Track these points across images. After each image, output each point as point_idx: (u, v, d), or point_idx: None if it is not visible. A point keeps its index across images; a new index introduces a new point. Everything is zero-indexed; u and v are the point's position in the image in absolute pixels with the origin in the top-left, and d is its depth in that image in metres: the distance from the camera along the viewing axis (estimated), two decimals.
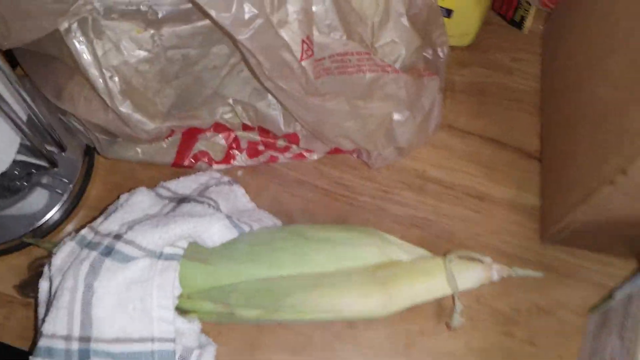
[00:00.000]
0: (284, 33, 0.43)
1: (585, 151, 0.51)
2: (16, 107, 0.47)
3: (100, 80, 0.49)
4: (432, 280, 0.52)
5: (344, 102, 0.48)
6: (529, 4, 0.68)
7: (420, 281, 0.52)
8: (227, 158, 0.60)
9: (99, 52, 0.48)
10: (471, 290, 0.54)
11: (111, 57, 0.48)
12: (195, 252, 0.51)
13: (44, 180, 0.59)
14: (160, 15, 0.47)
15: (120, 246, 0.48)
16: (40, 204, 0.58)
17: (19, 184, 0.59)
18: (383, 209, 0.60)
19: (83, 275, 0.47)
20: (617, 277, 0.57)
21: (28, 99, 0.48)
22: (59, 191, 0.59)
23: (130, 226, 0.50)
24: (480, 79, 0.68)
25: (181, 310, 0.51)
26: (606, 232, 0.53)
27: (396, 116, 0.52)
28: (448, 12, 0.64)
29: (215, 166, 0.60)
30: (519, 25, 0.69)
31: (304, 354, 0.54)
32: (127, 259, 0.48)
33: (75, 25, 0.47)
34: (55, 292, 0.47)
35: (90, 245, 0.49)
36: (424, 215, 0.60)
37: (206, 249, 0.51)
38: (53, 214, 0.58)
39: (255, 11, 0.42)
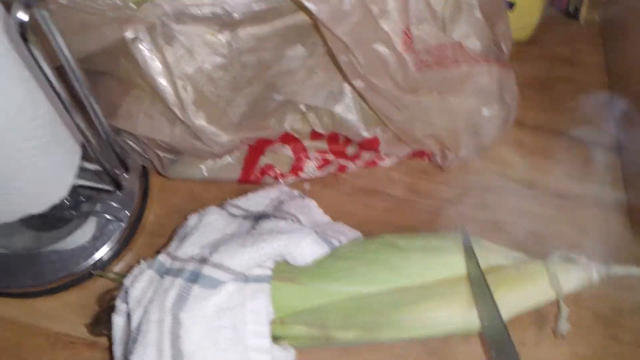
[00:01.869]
0: (384, 24, 0.39)
1: None
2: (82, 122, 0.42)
3: (171, 91, 0.44)
4: (536, 285, 0.48)
5: (438, 98, 0.44)
6: None
7: (525, 287, 0.47)
8: (295, 170, 0.55)
9: (170, 60, 0.43)
10: (570, 293, 0.50)
11: (184, 64, 0.43)
12: (283, 272, 0.46)
13: (97, 208, 0.54)
14: (235, 16, 0.43)
15: (207, 270, 0.43)
16: (95, 234, 0.53)
17: (68, 214, 0.53)
18: (462, 213, 0.56)
19: (170, 306, 0.42)
20: None
21: (99, 112, 0.42)
22: (115, 219, 0.53)
23: (213, 248, 0.44)
24: (542, 73, 0.64)
25: (273, 337, 0.46)
26: None
27: (485, 111, 0.48)
28: (510, 5, 0.60)
29: (282, 180, 0.55)
30: (574, 15, 0.66)
31: None
32: (216, 283, 0.42)
33: (142, 33, 0.43)
34: (140, 327, 0.42)
35: (172, 272, 0.44)
36: (506, 217, 0.56)
37: (294, 268, 0.46)
38: (112, 244, 0.52)
39: (355, 1, 0.37)
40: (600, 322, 0.52)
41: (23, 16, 0.30)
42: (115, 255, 0.53)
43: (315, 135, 0.53)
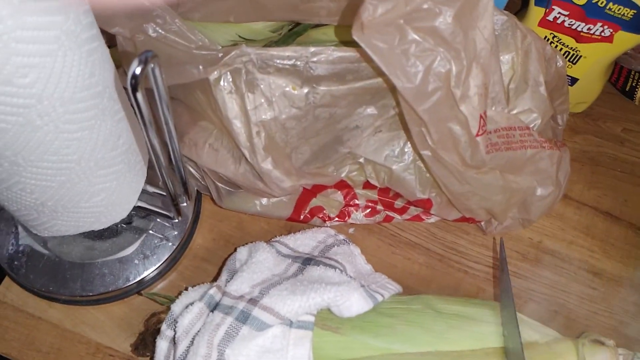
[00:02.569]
0: (464, 107, 0.40)
1: None
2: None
3: (245, 135, 0.45)
4: None
5: (499, 176, 0.45)
6: None
7: None
8: (343, 215, 0.56)
9: (249, 106, 0.44)
10: None
11: (262, 112, 0.44)
12: (326, 319, 0.47)
13: (150, 226, 0.55)
14: (316, 73, 0.44)
15: (257, 312, 0.44)
16: (144, 250, 0.54)
17: (121, 227, 0.55)
18: (498, 278, 0.56)
19: (217, 342, 0.43)
20: None
21: (175, 138, 0.42)
22: (166, 239, 0.54)
23: (264, 289, 0.45)
24: (591, 148, 0.64)
25: None
26: None
27: (540, 191, 0.49)
28: (572, 81, 0.61)
29: (329, 222, 0.56)
30: (630, 95, 0.66)
31: None
32: (263, 326, 0.43)
33: (227, 76, 0.44)
34: (186, 357, 0.43)
35: (222, 309, 0.45)
36: (540, 288, 0.56)
37: (337, 317, 0.47)
38: (158, 263, 0.54)
39: (440, 84, 0.38)
40: None
41: (137, 70, 0.31)
42: (161, 274, 0.54)
43: (367, 186, 0.54)
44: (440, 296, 0.50)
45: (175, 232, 0.55)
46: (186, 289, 0.49)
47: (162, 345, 0.46)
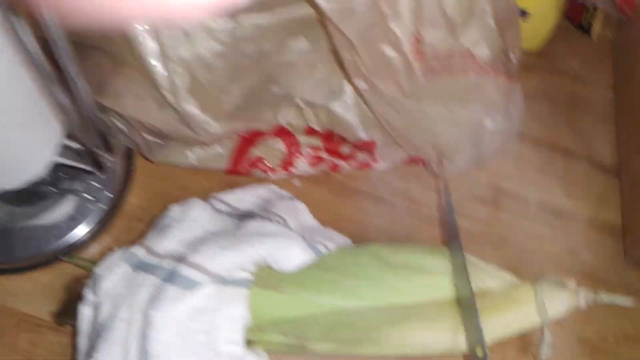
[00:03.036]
0: (394, 25, 0.35)
1: None
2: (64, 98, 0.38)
3: (164, 74, 0.40)
4: (522, 311, 0.45)
5: (442, 106, 0.41)
6: (595, 9, 0.61)
7: (512, 312, 0.45)
8: (286, 165, 0.51)
9: (167, 42, 0.39)
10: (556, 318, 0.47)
11: (180, 48, 0.39)
12: (266, 278, 0.42)
13: (77, 186, 0.50)
14: (239, 2, 0.39)
15: (185, 270, 0.39)
16: (72, 213, 0.49)
17: (45, 189, 0.49)
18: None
19: (141, 304, 0.38)
20: None
21: (82, 88, 0.38)
22: (94, 199, 0.49)
23: (193, 246, 0.41)
24: (548, 86, 0.60)
25: (246, 341, 0.42)
26: None
27: (489, 123, 0.45)
28: (523, 13, 0.56)
29: (271, 174, 0.51)
30: (587, 31, 0.62)
31: None
32: (192, 284, 0.39)
33: None
34: (106, 323, 0.39)
35: (147, 268, 0.40)
36: (498, 231, 0.53)
37: (277, 274, 0.42)
38: (89, 225, 0.49)
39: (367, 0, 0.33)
40: (584, 348, 0.49)
41: None
42: (92, 237, 0.49)
43: (310, 131, 0.50)
44: (389, 245, 0.46)
45: (106, 193, 0.50)
46: (112, 250, 0.44)
47: (84, 312, 0.41)
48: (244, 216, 0.45)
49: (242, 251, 0.39)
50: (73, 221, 0.49)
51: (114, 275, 0.40)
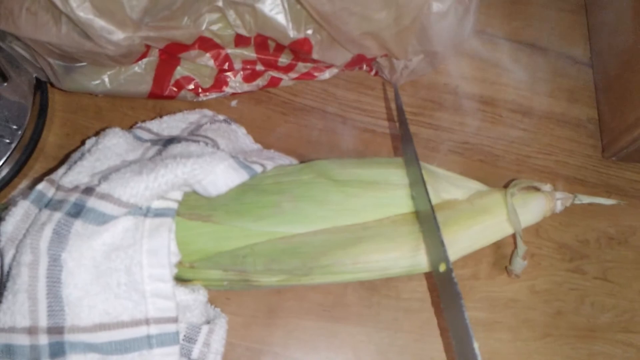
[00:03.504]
0: None
1: None
2: None
3: None
4: (492, 221, 0.40)
5: None
6: None
7: (480, 223, 0.39)
8: (218, 84, 0.45)
9: None
10: (531, 225, 0.42)
11: None
12: (194, 207, 0.37)
13: None
14: None
15: (93, 202, 0.33)
16: None
17: None
18: (413, 133, 0.47)
19: (46, 245, 0.32)
20: None
21: None
22: (5, 139, 0.43)
23: (104, 176, 0.35)
24: None
25: (181, 280, 0.37)
26: None
27: (436, 5, 0.38)
28: None
29: (203, 95, 0.45)
30: None
31: (335, 313, 0.41)
32: (103, 218, 0.33)
33: None
34: (9, 271, 0.33)
35: (51, 205, 0.34)
36: (462, 138, 0.47)
37: (207, 201, 0.37)
38: (1, 168, 0.43)
39: None
40: (564, 254, 0.44)
41: None
42: (6, 181, 0.43)
43: (240, 41, 0.43)
44: (336, 160, 0.40)
45: (16, 130, 0.43)
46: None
47: None
48: (168, 142, 0.39)
49: (158, 175, 0.34)
50: None
51: (15, 217, 0.34)
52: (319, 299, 0.42)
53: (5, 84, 0.39)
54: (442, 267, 0.35)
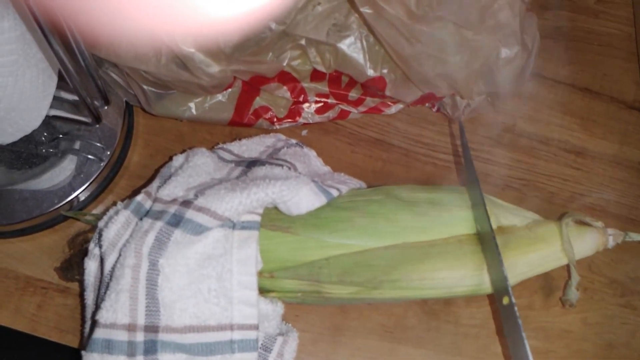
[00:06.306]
0: None
1: None
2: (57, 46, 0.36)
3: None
4: (548, 249, 0.43)
5: (453, 30, 0.39)
6: None
7: (537, 250, 0.43)
8: (292, 114, 0.50)
9: None
10: (583, 258, 0.45)
11: None
12: (274, 220, 0.41)
13: (76, 145, 0.48)
14: None
15: (191, 214, 0.38)
16: (73, 173, 0.48)
17: (45, 150, 0.48)
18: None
19: (147, 250, 0.37)
20: None
21: (77, 35, 0.36)
22: (95, 158, 0.48)
23: (200, 191, 0.39)
24: (564, 23, 0.58)
25: (261, 291, 0.41)
26: None
27: (504, 52, 0.43)
28: None
29: (277, 124, 0.50)
30: None
31: (396, 335, 0.45)
32: (200, 229, 0.37)
33: None
34: (113, 272, 0.37)
35: (152, 214, 0.39)
36: (518, 174, 0.51)
37: (287, 216, 0.41)
38: (89, 184, 0.47)
39: None
40: (615, 289, 0.47)
41: None
42: (94, 197, 0.48)
43: (315, 76, 0.48)
44: (405, 185, 0.44)
45: (106, 150, 0.48)
46: (115, 204, 0.43)
47: (90, 266, 0.40)
48: (252, 163, 0.44)
49: (251, 193, 0.38)
50: (74, 181, 0.48)
51: (116, 224, 0.39)
52: (382, 320, 0.45)
53: (106, 107, 0.44)
54: (505, 300, 0.39)
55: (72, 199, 0.47)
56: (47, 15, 0.33)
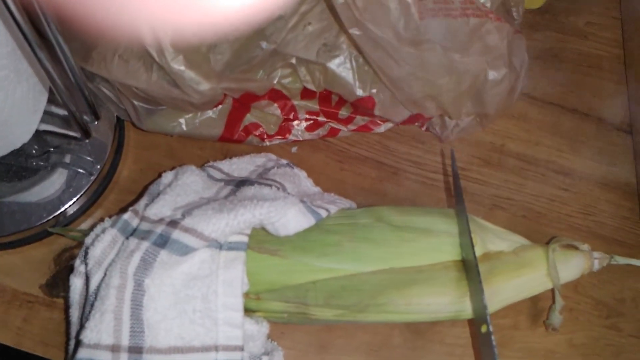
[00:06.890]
0: None
1: None
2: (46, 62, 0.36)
3: (149, 31, 0.38)
4: (533, 274, 0.43)
5: (441, 54, 0.39)
6: None
7: (522, 275, 0.43)
8: (282, 131, 0.50)
9: None
10: (569, 281, 0.45)
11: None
12: (262, 242, 0.41)
13: (66, 159, 0.48)
14: None
15: (178, 235, 0.37)
16: (62, 187, 0.47)
17: (35, 163, 0.48)
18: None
19: (132, 271, 0.36)
20: None
21: (66, 50, 0.36)
22: (85, 172, 0.48)
23: (187, 211, 0.39)
24: (553, 44, 0.58)
25: (246, 311, 0.41)
26: None
27: (492, 74, 0.43)
28: None
29: (268, 141, 0.50)
30: None
31: (382, 353, 0.45)
32: (186, 250, 0.37)
33: None
34: (98, 292, 0.37)
35: (138, 234, 0.39)
36: (506, 194, 0.51)
37: (275, 236, 0.41)
38: (78, 198, 0.47)
39: None
40: (600, 310, 0.47)
41: None
42: (83, 210, 0.48)
43: (305, 94, 0.48)
44: (393, 207, 0.44)
45: (96, 164, 0.48)
46: (103, 220, 0.43)
47: (76, 283, 0.40)
48: (241, 183, 0.44)
49: (238, 214, 0.38)
50: (63, 195, 0.47)
51: (103, 243, 0.39)
52: (367, 339, 0.45)
53: (97, 122, 0.44)
54: (483, 329, 0.38)
55: (61, 213, 0.47)
56: (34, 27, 0.33)
